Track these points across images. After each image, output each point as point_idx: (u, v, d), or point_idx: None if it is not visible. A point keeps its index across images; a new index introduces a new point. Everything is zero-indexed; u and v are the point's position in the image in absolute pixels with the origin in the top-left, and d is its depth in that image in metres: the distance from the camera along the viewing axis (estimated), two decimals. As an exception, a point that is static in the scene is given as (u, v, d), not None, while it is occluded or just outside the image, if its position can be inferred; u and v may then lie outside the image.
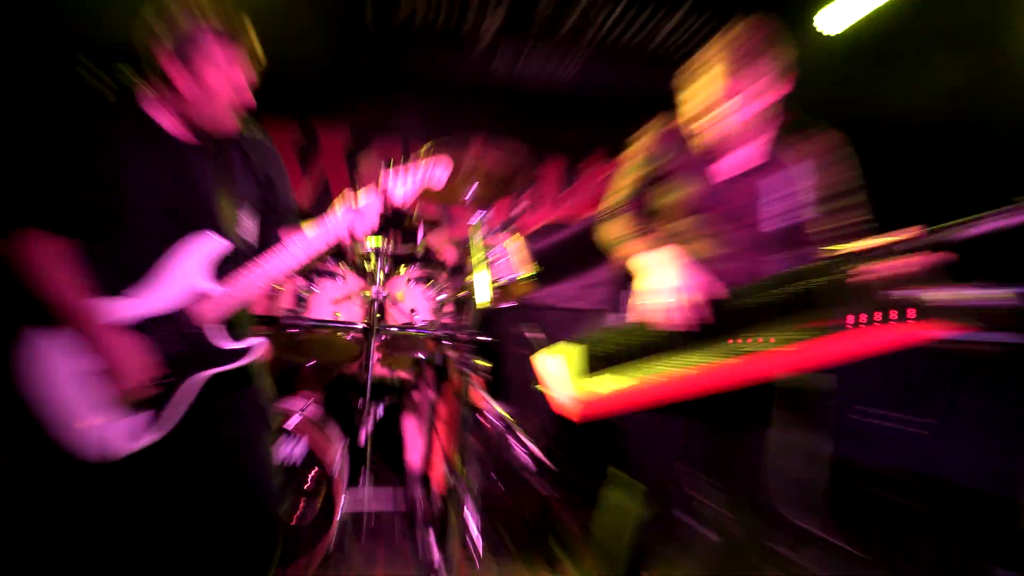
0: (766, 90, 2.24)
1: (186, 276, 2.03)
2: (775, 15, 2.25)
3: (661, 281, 2.16)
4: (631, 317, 2.26)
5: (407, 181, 2.20)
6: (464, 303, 3.56)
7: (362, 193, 2.19)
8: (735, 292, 2.15)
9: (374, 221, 2.16)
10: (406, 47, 4.77)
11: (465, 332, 3.37)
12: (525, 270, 3.72)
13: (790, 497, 2.55)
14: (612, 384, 2.20)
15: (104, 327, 1.91)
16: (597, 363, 2.24)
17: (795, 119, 2.36)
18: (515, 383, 4.48)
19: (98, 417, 1.91)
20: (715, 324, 2.12)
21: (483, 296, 3.30)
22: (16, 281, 1.90)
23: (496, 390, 3.98)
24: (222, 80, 2.02)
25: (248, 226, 2.18)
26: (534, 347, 4.04)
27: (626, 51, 4.83)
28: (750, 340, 2.08)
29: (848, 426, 4.38)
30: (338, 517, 3.02)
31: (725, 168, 2.35)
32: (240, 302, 2.07)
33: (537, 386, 2.44)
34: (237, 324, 2.13)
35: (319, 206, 4.71)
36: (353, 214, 2.14)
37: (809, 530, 3.78)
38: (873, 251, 2.01)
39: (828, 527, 3.73)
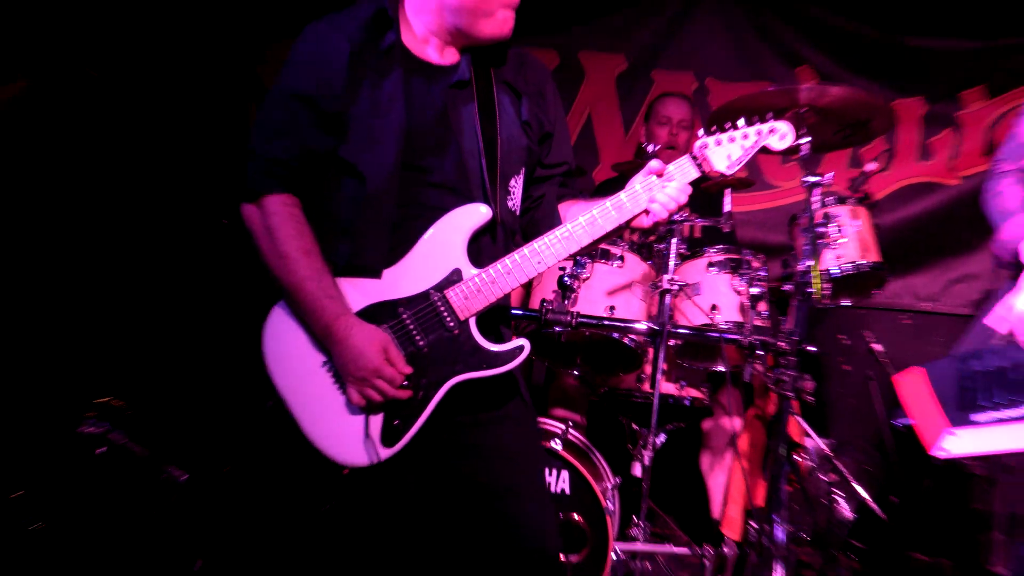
0: None
1: (442, 255, 2.16)
2: None
3: None
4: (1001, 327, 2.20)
5: (733, 144, 2.21)
6: (786, 300, 3.52)
7: (665, 159, 2.22)
8: None
9: (683, 198, 2.19)
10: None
11: (785, 339, 3.34)
12: (871, 256, 3.63)
13: None
14: (997, 418, 2.16)
15: (347, 315, 2.10)
16: (980, 391, 2.19)
17: None
18: (842, 412, 4.40)
19: (341, 420, 2.10)
20: None
21: (813, 291, 3.26)
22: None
23: (819, 420, 3.92)
24: None
25: (516, 189, 2.27)
26: (879, 362, 3.93)
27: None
28: None
29: None
30: (609, 566, 3.11)
31: None
32: (504, 290, 2.17)
33: (900, 421, 2.39)
34: (498, 319, 2.22)
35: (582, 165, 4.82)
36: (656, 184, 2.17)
37: None
38: None
39: None
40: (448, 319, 2.15)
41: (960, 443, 2.19)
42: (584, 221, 2.16)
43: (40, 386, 3.73)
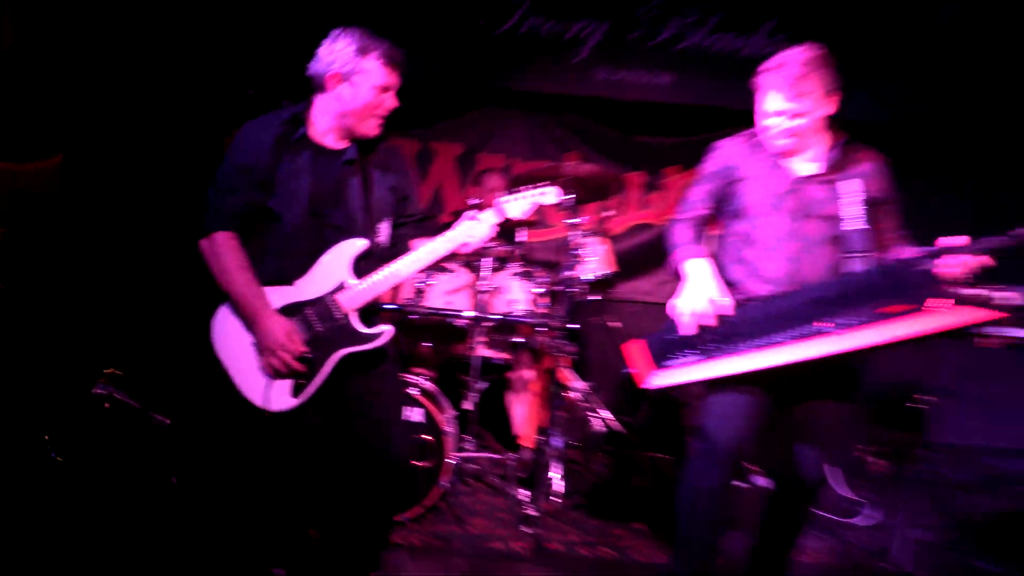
0: (821, 104, 2.20)
1: (335, 271, 2.14)
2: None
3: (686, 289, 2.25)
4: (672, 314, 2.29)
5: (523, 200, 2.26)
6: (556, 296, 3.60)
7: (482, 209, 2.25)
8: (811, 285, 2.17)
9: (492, 233, 2.23)
10: (511, 60, 4.77)
11: (557, 320, 3.42)
12: (611, 268, 3.75)
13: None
14: (683, 362, 2.25)
15: (266, 309, 2.07)
16: (673, 347, 2.27)
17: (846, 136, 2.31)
18: (597, 365, 4.49)
19: (261, 380, 2.09)
20: (786, 313, 2.14)
21: (573, 289, 3.35)
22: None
23: (581, 370, 4.01)
24: (377, 95, 2.14)
25: (384, 229, 2.27)
26: (615, 334, 4.04)
27: (713, 62, 4.73)
28: (821, 324, 2.09)
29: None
30: (448, 471, 3.12)
31: (800, 169, 2.29)
32: (376, 294, 2.16)
33: (626, 370, 2.48)
34: (371, 313, 2.22)
35: (432, 212, 4.81)
36: (473, 225, 2.20)
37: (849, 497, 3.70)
38: (947, 249, 2.03)
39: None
40: (336, 313, 2.13)
41: (660, 379, 2.29)
42: (428, 249, 2.18)
43: (66, 360, 3.63)
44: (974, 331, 3.44)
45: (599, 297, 3.79)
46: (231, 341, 2.12)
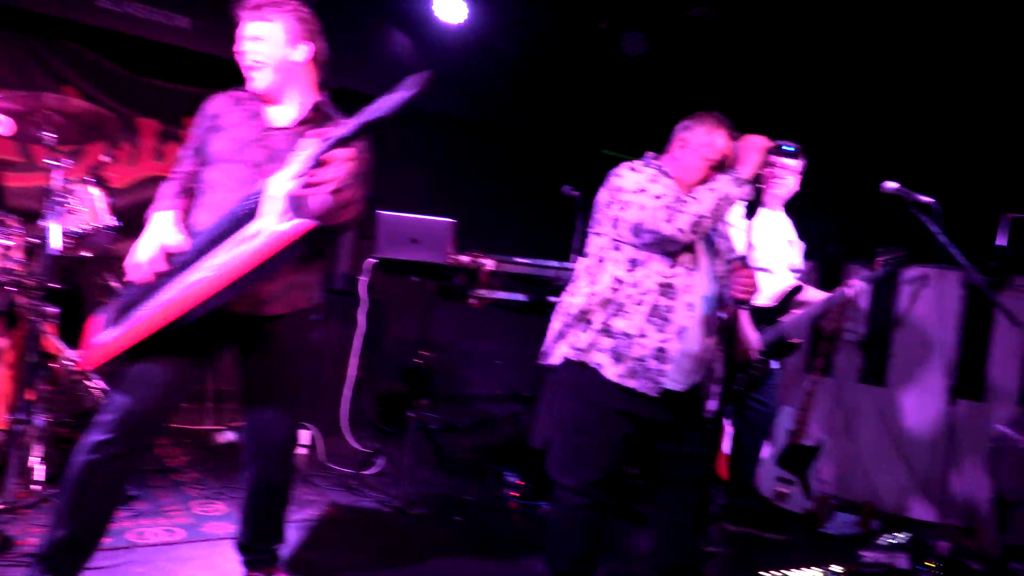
0: (285, 46, 2.23)
1: None
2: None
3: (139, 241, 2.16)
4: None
5: None
6: (35, 250, 3.08)
7: None
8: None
9: None
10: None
11: (35, 279, 2.93)
12: (108, 221, 3.34)
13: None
14: (111, 333, 2.14)
15: None
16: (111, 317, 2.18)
17: None
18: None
19: None
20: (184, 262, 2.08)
21: (56, 244, 2.90)
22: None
23: (74, 339, 3.53)
24: None
25: None
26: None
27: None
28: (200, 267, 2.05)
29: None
30: None
31: (276, 120, 2.27)
32: None
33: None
34: None
35: None
36: None
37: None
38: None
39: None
40: None
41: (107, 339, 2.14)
42: None
43: None
44: (468, 293, 3.86)
45: (91, 254, 3.36)
46: None
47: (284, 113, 2.28)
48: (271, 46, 2.21)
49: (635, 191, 2.30)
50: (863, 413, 4.22)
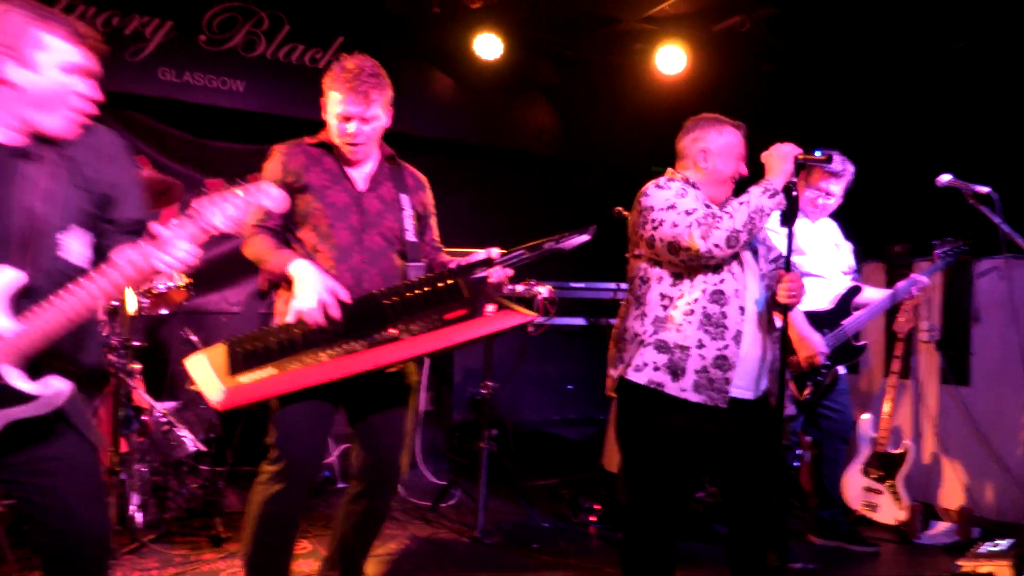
0: (380, 116, 2.34)
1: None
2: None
3: (299, 287, 2.20)
4: (279, 319, 2.27)
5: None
6: (115, 312, 3.29)
7: None
8: (380, 292, 2.25)
9: None
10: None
11: (118, 339, 3.14)
12: (180, 278, 3.53)
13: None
14: (255, 376, 2.16)
15: None
16: (243, 359, 2.17)
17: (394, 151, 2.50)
18: (180, 383, 4.23)
19: None
20: (359, 320, 2.20)
21: (132, 307, 3.10)
22: None
23: (160, 391, 3.74)
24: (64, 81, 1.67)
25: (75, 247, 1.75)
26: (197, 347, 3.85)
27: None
28: (392, 331, 2.20)
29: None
30: None
31: (360, 179, 2.40)
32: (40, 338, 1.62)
33: (190, 385, 2.36)
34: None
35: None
36: None
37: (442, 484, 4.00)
38: (486, 261, 2.28)
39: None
40: None
41: (232, 397, 2.16)
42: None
43: None
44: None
45: (167, 311, 3.56)
46: None
47: (363, 170, 2.41)
48: (379, 124, 2.33)
49: (665, 208, 2.28)
50: (948, 415, 4.07)
